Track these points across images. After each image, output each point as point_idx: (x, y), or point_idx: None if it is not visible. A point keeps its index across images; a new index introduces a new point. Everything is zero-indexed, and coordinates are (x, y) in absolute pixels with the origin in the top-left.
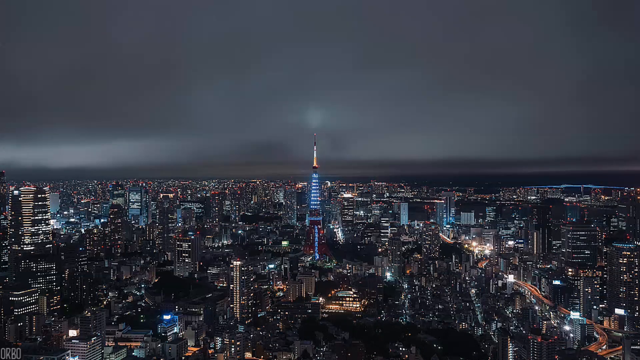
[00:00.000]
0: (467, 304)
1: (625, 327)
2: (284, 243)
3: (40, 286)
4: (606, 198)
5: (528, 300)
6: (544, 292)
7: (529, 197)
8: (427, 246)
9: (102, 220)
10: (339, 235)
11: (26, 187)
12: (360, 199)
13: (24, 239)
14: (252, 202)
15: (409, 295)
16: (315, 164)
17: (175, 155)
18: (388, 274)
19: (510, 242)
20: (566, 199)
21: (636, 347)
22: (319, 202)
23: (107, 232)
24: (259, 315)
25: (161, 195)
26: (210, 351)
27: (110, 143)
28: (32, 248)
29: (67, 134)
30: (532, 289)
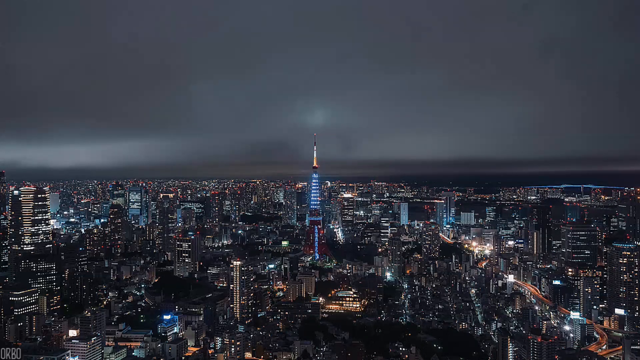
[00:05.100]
0: (467, 304)
1: (625, 327)
2: (284, 243)
3: (40, 286)
4: (606, 198)
5: (528, 300)
6: (544, 292)
7: (529, 197)
8: (427, 246)
9: (102, 220)
10: (339, 235)
11: (26, 187)
12: (360, 199)
13: (24, 239)
14: (252, 202)
15: (409, 295)
16: (315, 164)
17: (175, 155)
18: (388, 274)
19: (510, 242)
20: (566, 199)
21: (636, 347)
22: (319, 202)
23: (107, 232)
24: (259, 315)
25: (161, 195)
26: (210, 351)
27: (110, 143)
28: (32, 248)
29: (67, 134)
30: (532, 289)
